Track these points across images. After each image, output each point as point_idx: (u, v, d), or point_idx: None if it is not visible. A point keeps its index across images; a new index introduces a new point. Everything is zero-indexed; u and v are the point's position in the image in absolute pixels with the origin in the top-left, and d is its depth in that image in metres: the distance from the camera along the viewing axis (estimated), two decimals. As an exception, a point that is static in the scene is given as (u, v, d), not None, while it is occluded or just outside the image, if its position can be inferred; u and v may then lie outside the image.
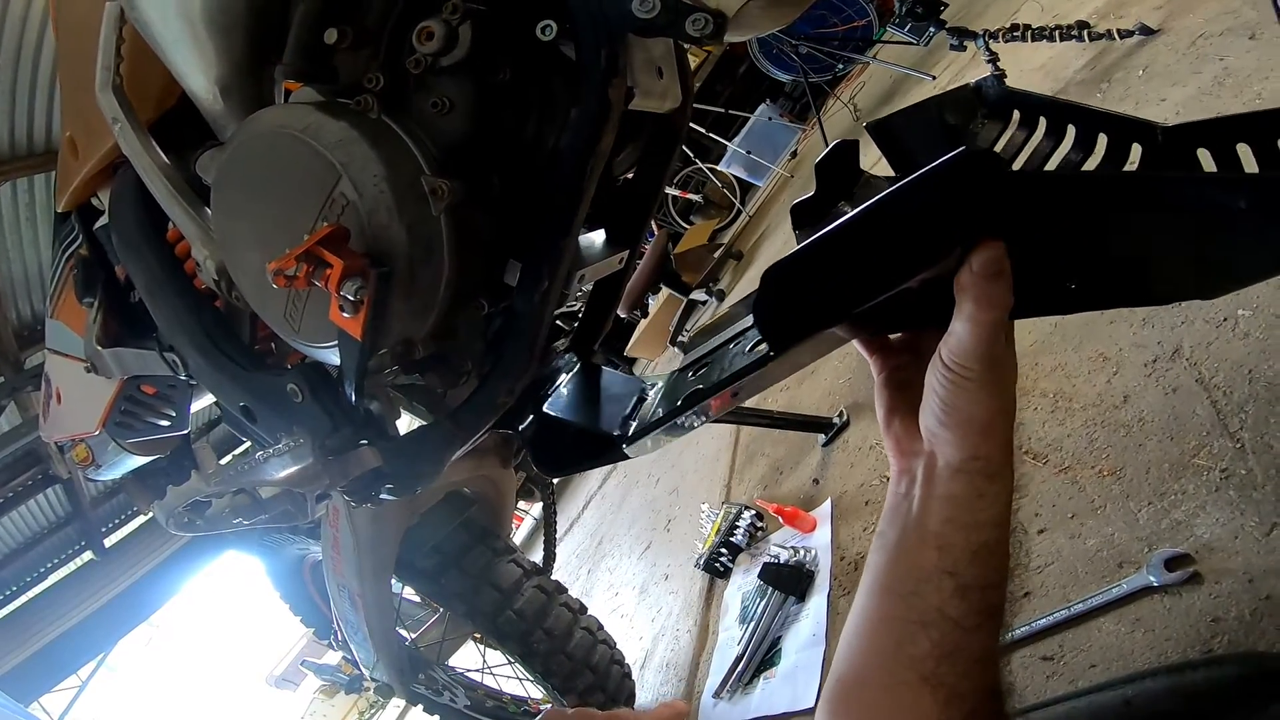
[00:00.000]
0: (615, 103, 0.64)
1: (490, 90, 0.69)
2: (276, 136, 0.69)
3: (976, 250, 0.50)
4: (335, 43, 0.69)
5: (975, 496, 0.53)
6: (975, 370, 0.51)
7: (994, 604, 0.53)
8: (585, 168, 0.64)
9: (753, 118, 6.23)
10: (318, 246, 0.59)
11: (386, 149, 0.65)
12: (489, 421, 0.81)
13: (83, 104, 1.01)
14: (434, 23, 0.66)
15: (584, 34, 0.64)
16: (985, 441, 0.53)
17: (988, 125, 0.72)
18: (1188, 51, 1.97)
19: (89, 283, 1.13)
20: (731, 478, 2.58)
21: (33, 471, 5.37)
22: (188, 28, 0.75)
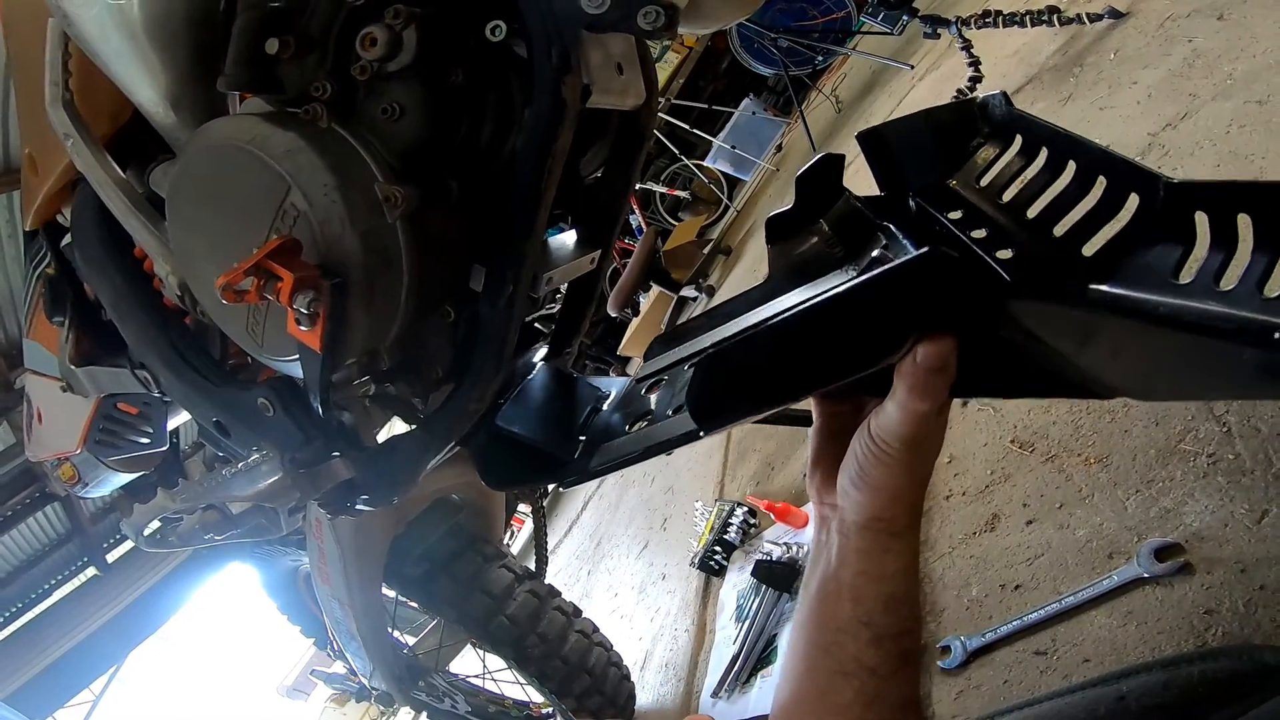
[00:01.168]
0: (570, 101, 0.62)
1: (442, 93, 0.67)
2: (224, 149, 0.68)
3: (925, 341, 0.50)
4: (278, 52, 0.67)
5: (881, 551, 0.56)
6: (896, 449, 0.53)
7: (908, 650, 0.57)
8: (543, 168, 0.62)
9: (736, 113, 6.18)
10: (267, 259, 0.57)
11: (336, 157, 0.63)
12: (462, 429, 0.80)
13: (38, 121, 0.99)
14: (377, 29, 0.64)
15: (534, 32, 0.62)
16: (890, 506, 0.56)
17: (986, 146, 0.70)
18: (1157, 34, 1.96)
19: (57, 301, 1.11)
20: (724, 475, 2.57)
21: (30, 490, 5.36)
22: (128, 41, 0.73)
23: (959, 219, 0.68)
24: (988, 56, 2.70)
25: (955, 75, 2.79)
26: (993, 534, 1.22)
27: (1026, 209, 0.64)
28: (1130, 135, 1.65)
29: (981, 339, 0.52)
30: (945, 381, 0.51)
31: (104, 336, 1.14)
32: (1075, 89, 2.13)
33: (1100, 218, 0.59)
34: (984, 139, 0.71)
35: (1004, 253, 0.62)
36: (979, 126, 0.71)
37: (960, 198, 0.70)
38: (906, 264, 0.50)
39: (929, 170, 0.72)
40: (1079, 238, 0.60)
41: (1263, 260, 0.46)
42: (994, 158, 0.70)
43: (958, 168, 0.72)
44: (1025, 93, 2.41)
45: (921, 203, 0.72)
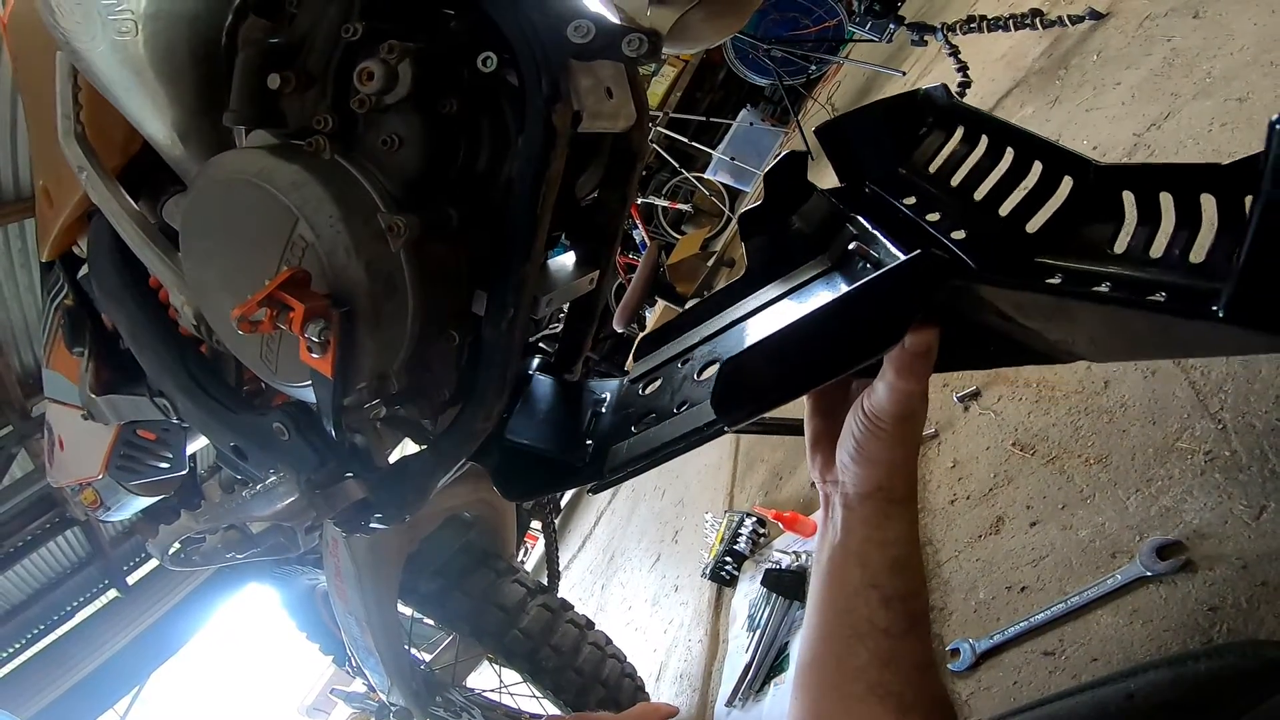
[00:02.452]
0: (561, 128, 0.65)
1: (438, 124, 0.69)
2: (233, 182, 0.70)
3: (912, 330, 0.56)
4: (279, 88, 0.69)
5: (884, 517, 0.60)
6: (888, 425, 0.59)
7: (916, 611, 0.60)
8: (538, 194, 0.65)
9: (734, 124, 6.18)
10: (279, 291, 0.60)
11: (340, 189, 0.66)
12: (470, 448, 0.82)
13: (50, 153, 1.01)
14: (372, 63, 0.67)
15: (523, 63, 0.65)
16: (889, 477, 0.61)
17: (932, 134, 0.75)
18: (1137, 34, 1.98)
19: (76, 332, 1.14)
20: (733, 486, 2.58)
21: (50, 515, 5.45)
22: (135, 76, 0.75)
23: (914, 204, 0.74)
24: (975, 61, 2.72)
25: (946, 80, 2.80)
26: (997, 536, 1.23)
27: (973, 192, 0.70)
28: (1117, 136, 1.67)
29: (958, 321, 0.57)
30: (929, 364, 0.57)
31: (123, 365, 1.16)
32: (1062, 91, 2.15)
33: (1039, 198, 0.66)
34: (929, 128, 0.77)
35: (958, 233, 0.69)
36: (924, 116, 0.77)
37: (913, 184, 0.76)
38: (903, 266, 0.55)
39: (883, 159, 0.78)
40: (1022, 216, 0.66)
41: (1183, 234, 0.53)
42: (940, 145, 0.75)
43: (909, 156, 0.77)
44: (1014, 96, 2.44)
45: (878, 190, 0.78)
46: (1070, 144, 2.01)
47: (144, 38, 0.73)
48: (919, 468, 1.52)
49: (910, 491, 0.62)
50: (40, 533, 5.55)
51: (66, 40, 0.76)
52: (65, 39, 0.76)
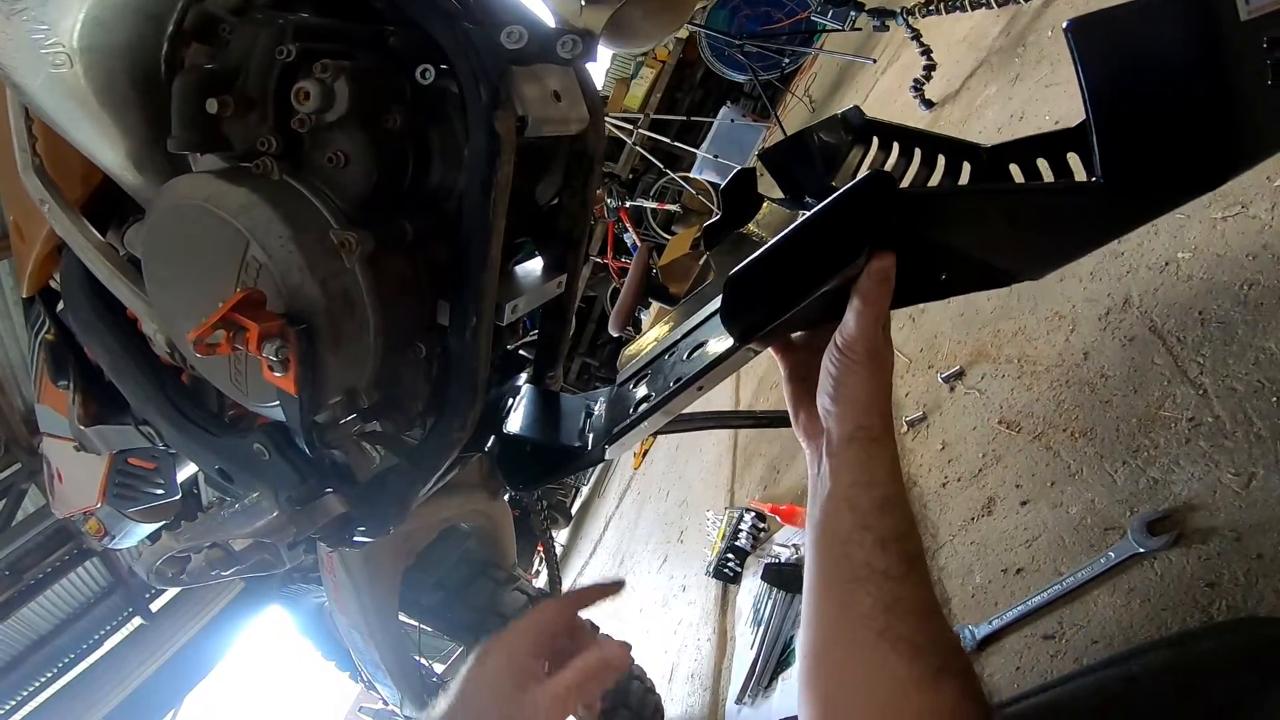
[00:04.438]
0: (505, 134, 0.66)
1: (383, 138, 0.70)
2: (184, 208, 0.70)
3: (873, 259, 0.62)
4: (219, 112, 0.69)
5: (867, 458, 0.62)
6: (860, 354, 0.62)
7: (911, 552, 0.60)
8: (489, 202, 0.65)
9: (716, 122, 6.21)
10: (233, 312, 0.60)
11: (289, 209, 0.66)
12: (447, 458, 0.82)
13: (16, 187, 1.01)
14: (308, 83, 0.67)
15: (461, 73, 0.66)
16: (866, 414, 0.63)
17: (855, 149, 0.88)
18: (1086, 8, 1.98)
19: (60, 366, 1.15)
20: (734, 482, 2.58)
21: (68, 546, 5.49)
22: (80, 108, 0.75)
23: None
24: (939, 44, 2.74)
25: (914, 65, 2.82)
26: (990, 518, 1.22)
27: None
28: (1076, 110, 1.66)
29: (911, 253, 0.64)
30: (889, 291, 0.62)
31: (108, 396, 1.17)
32: (1021, 69, 2.16)
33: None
34: (850, 144, 0.88)
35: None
36: (844, 135, 0.88)
37: None
38: (861, 182, 0.62)
39: (815, 175, 0.89)
40: None
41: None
42: (861, 156, 0.87)
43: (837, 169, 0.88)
44: (978, 76, 2.45)
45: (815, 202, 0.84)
46: (1034, 119, 2.01)
47: (81, 69, 0.73)
48: (905, 454, 1.52)
49: (887, 427, 0.63)
50: (60, 564, 5.61)
51: (7, 75, 0.76)
52: (5, 73, 0.76)
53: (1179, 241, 1.15)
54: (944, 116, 2.54)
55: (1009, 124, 1.99)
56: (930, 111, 2.66)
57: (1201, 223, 1.15)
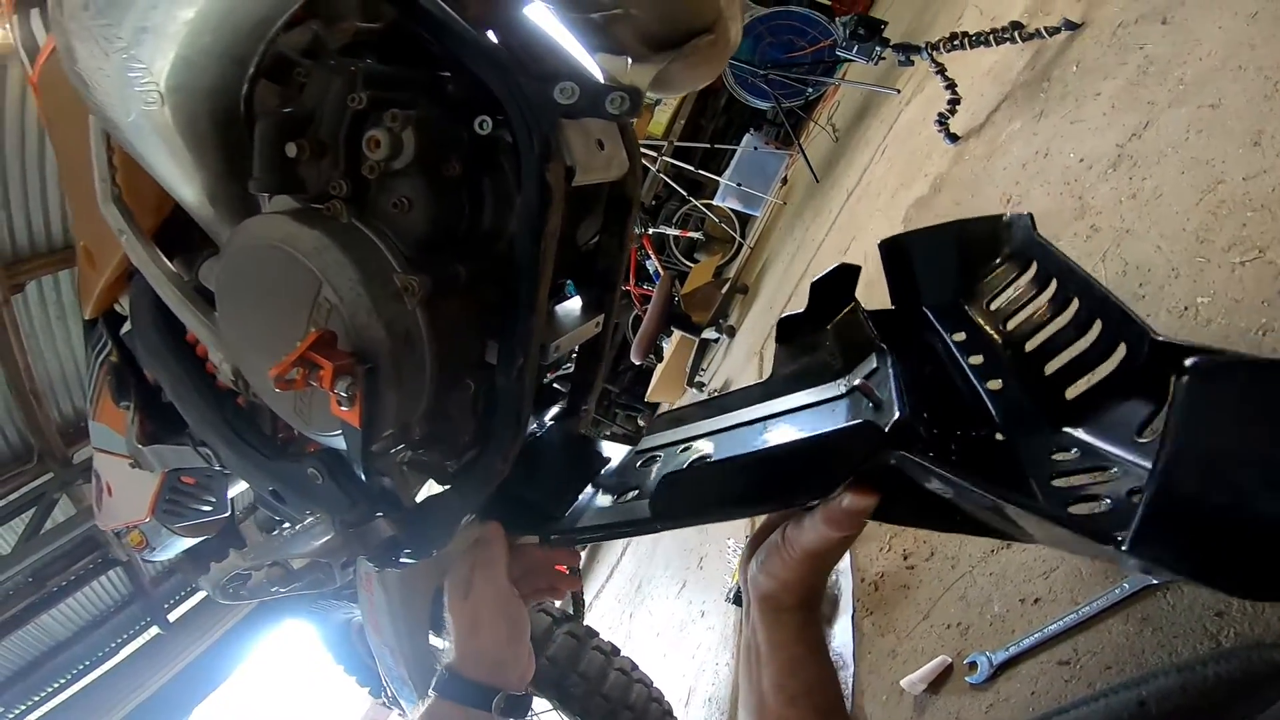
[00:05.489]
0: (555, 184, 0.70)
1: (443, 185, 0.74)
2: (261, 248, 0.75)
3: (853, 490, 0.59)
4: (296, 156, 0.74)
5: (774, 623, 0.68)
6: (797, 556, 0.65)
7: (821, 706, 0.66)
8: (538, 249, 0.70)
9: (739, 149, 6.21)
10: (309, 351, 0.66)
11: (358, 252, 0.71)
12: (490, 487, 0.87)
13: (89, 214, 1.04)
14: (378, 132, 0.71)
15: (516, 125, 0.70)
16: (780, 591, 0.67)
17: (1003, 267, 0.73)
18: (1111, 43, 2.02)
19: (122, 387, 1.21)
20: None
21: (93, 556, 5.60)
22: (165, 144, 0.79)
23: (962, 340, 0.74)
24: (964, 77, 2.77)
25: (939, 98, 2.85)
26: (1009, 550, 1.25)
27: (1026, 342, 0.69)
28: (1100, 148, 1.70)
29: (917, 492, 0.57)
30: (861, 522, 0.61)
31: (166, 417, 1.23)
32: (1046, 104, 2.19)
33: (1089, 362, 0.64)
34: (1003, 260, 0.73)
35: (994, 383, 0.69)
36: (1001, 245, 0.74)
37: (968, 319, 0.75)
38: (843, 431, 0.58)
39: (943, 288, 0.77)
40: (1066, 379, 0.65)
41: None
42: (1008, 280, 0.72)
43: (973, 286, 0.75)
44: (1002, 110, 2.48)
45: (932, 320, 0.77)
46: (1059, 157, 2.02)
47: (170, 108, 0.77)
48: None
49: (801, 604, 0.68)
50: (84, 573, 5.72)
51: (101, 111, 0.80)
52: (99, 109, 0.80)
53: (1199, 286, 1.18)
54: (969, 151, 2.57)
55: (1033, 160, 2.02)
56: (955, 145, 2.69)
57: (1221, 267, 1.18)
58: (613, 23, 0.66)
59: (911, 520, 0.64)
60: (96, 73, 0.75)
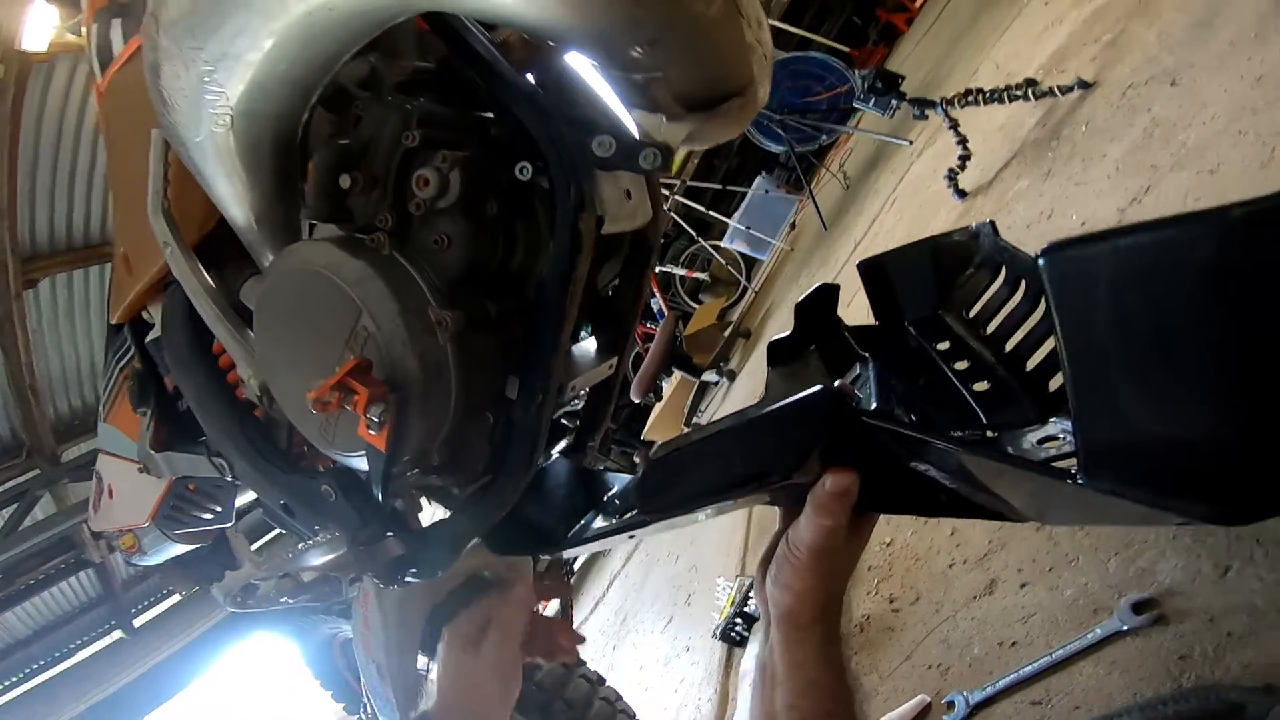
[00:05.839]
0: (586, 234, 0.74)
1: (481, 225, 0.78)
2: (305, 272, 0.79)
3: (831, 471, 0.62)
4: (349, 187, 0.78)
5: (794, 642, 0.68)
6: (803, 555, 0.66)
7: None
8: (566, 295, 0.74)
9: (750, 192, 6.26)
10: (348, 377, 0.70)
11: (398, 285, 0.75)
12: (500, 515, 0.90)
13: (135, 223, 1.07)
14: (428, 171, 0.75)
15: (554, 175, 0.74)
16: (797, 603, 0.67)
17: (976, 275, 0.76)
18: (1120, 104, 2.10)
19: (143, 394, 1.24)
20: (746, 552, 2.65)
21: (66, 556, 5.55)
22: (227, 164, 0.82)
23: (946, 349, 0.77)
24: (975, 132, 2.86)
25: (950, 151, 2.94)
26: (991, 597, 1.30)
27: (1005, 342, 0.72)
28: (1102, 211, 1.78)
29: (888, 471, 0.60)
30: (846, 505, 0.63)
31: (180, 425, 1.26)
32: (1053, 164, 2.27)
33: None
34: (975, 269, 0.76)
35: (980, 385, 0.72)
36: (971, 256, 0.76)
37: (949, 328, 0.78)
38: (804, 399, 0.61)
39: (922, 302, 0.79)
40: (1047, 372, 0.68)
41: None
42: (982, 286, 0.75)
43: (950, 297, 0.78)
44: (1011, 168, 2.56)
45: (914, 333, 0.80)
46: (1061, 218, 2.10)
47: (237, 131, 0.80)
48: (918, 537, 1.59)
49: (817, 617, 0.68)
50: (55, 572, 5.65)
51: (172, 128, 0.83)
52: (171, 127, 0.83)
53: None
54: (975, 208, 2.65)
55: (1038, 221, 2.09)
56: (963, 202, 2.75)
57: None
58: (652, 84, 0.68)
59: (898, 505, 0.66)
60: (177, 92, 0.78)
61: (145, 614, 6.80)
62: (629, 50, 0.65)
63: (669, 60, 0.67)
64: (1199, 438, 0.42)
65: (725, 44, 0.68)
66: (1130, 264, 0.41)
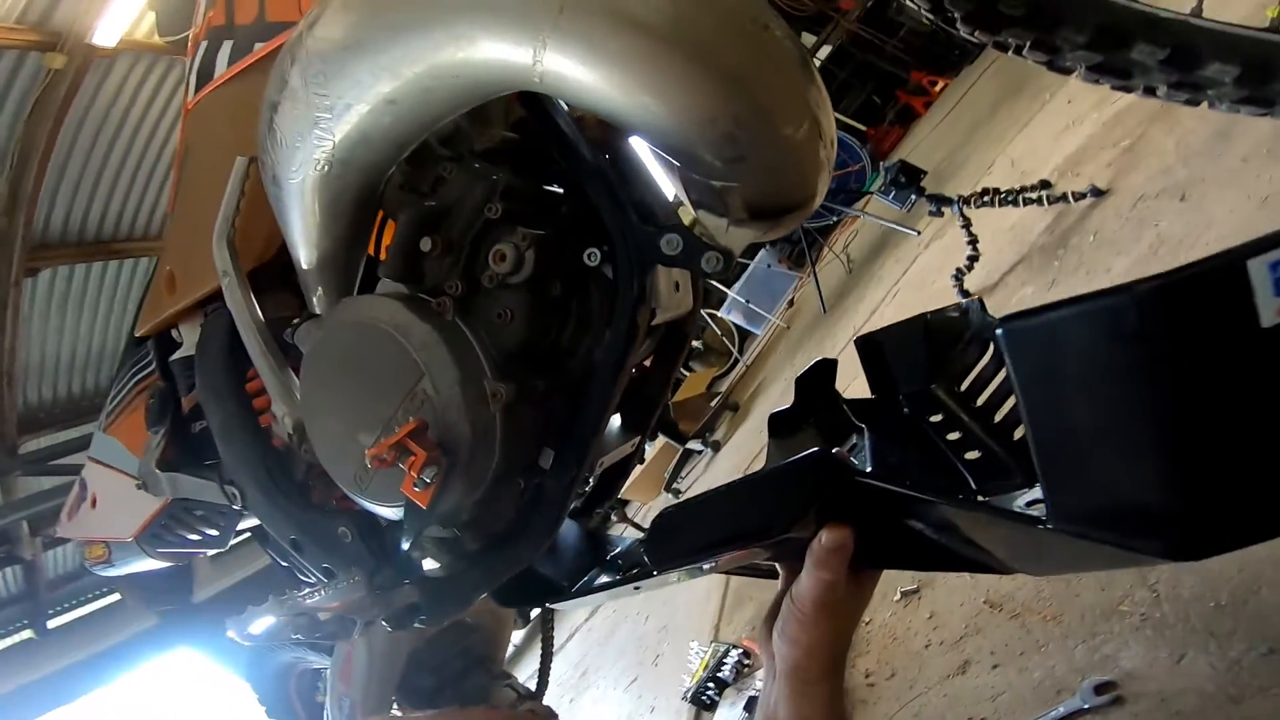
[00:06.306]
0: (642, 326, 0.78)
1: (545, 304, 0.81)
2: (370, 327, 0.81)
3: (827, 527, 0.65)
4: (428, 250, 0.81)
5: (800, 696, 0.68)
6: (808, 610, 0.67)
7: None
8: (615, 382, 0.77)
9: (752, 264, 6.22)
10: (408, 438, 0.73)
11: (460, 354, 0.77)
12: (515, 571, 0.92)
13: (191, 244, 1.08)
14: (506, 246, 0.78)
15: (621, 266, 0.77)
16: (805, 658, 0.69)
17: (966, 350, 0.80)
18: (1130, 216, 2.16)
19: (163, 413, 1.25)
20: (721, 619, 2.66)
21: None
22: (308, 206, 0.85)
23: (939, 421, 0.81)
24: (985, 231, 2.91)
25: (957, 247, 2.98)
26: (964, 677, 1.37)
27: (994, 413, 0.76)
28: None
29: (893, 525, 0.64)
30: (843, 559, 0.65)
31: (192, 448, 1.26)
32: (1059, 273, 2.32)
33: None
34: (965, 344, 0.80)
35: (972, 454, 0.76)
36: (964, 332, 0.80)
37: (941, 402, 0.82)
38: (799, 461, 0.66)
39: (915, 375, 0.83)
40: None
41: None
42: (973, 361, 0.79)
43: (942, 371, 0.81)
44: (1017, 272, 2.62)
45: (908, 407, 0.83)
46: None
47: (329, 177, 0.82)
48: (896, 620, 1.65)
49: (826, 672, 0.69)
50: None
51: (272, 164, 0.85)
52: (271, 162, 0.85)
53: None
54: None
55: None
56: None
57: None
58: (727, 192, 0.70)
59: (891, 560, 0.70)
60: (289, 131, 0.81)
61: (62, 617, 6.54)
62: (714, 160, 0.69)
63: (749, 175, 0.70)
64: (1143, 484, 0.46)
65: (803, 165, 0.72)
66: (1069, 332, 0.47)
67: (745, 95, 0.68)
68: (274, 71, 0.83)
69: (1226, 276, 0.41)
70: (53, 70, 4.18)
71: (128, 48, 4.59)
